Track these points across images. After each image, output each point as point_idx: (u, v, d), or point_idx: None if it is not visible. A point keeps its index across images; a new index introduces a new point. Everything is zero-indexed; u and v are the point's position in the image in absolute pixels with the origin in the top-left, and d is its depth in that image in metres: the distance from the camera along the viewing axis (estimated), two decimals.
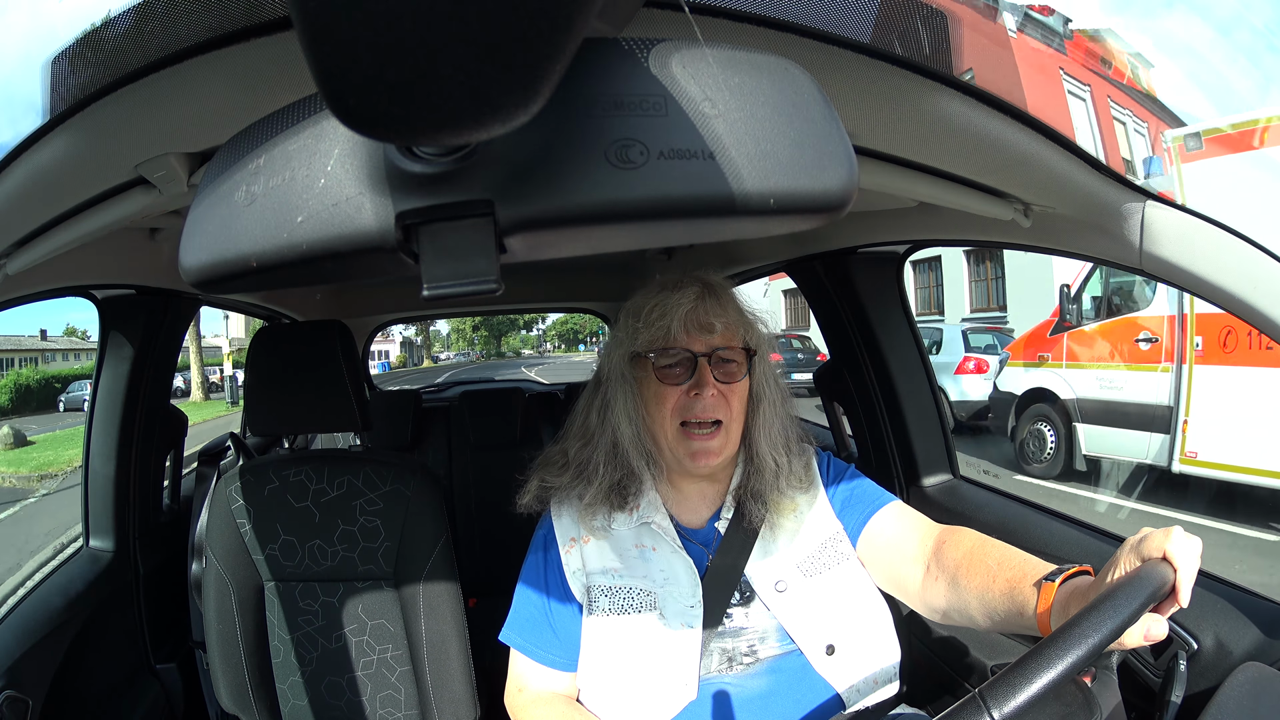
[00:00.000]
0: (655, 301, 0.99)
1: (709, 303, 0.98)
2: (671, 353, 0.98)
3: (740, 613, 1.00)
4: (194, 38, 0.56)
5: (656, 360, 0.98)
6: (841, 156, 0.37)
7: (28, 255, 0.91)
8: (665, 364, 0.98)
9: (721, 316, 0.98)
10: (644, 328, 0.99)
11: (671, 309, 0.97)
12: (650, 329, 0.98)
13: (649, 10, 0.54)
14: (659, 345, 0.98)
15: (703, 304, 0.98)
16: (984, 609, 0.85)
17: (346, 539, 1.31)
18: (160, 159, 0.75)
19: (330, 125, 0.38)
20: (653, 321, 0.98)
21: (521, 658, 1.05)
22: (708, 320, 0.97)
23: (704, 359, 0.97)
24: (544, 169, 0.36)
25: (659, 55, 0.36)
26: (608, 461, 1.02)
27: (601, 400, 1.04)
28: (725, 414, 0.98)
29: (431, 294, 0.38)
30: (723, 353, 0.98)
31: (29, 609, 1.28)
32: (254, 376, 1.35)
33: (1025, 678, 0.56)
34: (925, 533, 0.98)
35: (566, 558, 1.05)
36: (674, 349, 0.97)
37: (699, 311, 0.97)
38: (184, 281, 0.42)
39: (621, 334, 1.02)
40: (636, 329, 1.00)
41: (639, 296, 1.02)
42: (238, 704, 1.29)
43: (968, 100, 0.69)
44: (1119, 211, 0.81)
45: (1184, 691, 0.84)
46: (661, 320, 0.97)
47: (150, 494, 1.62)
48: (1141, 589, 0.62)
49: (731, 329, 0.99)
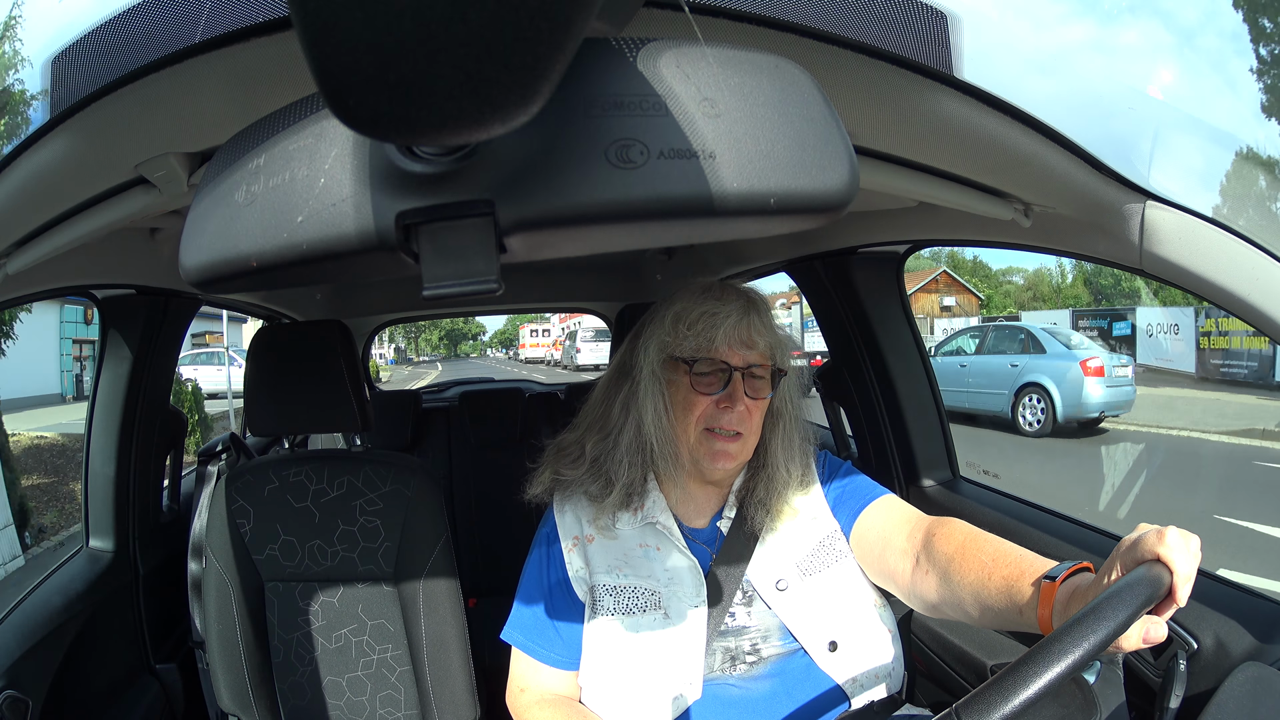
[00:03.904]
0: (703, 310, 1.00)
1: (753, 319, 1.00)
2: (711, 363, 0.99)
3: (743, 612, 1.00)
4: (194, 38, 0.56)
5: (695, 368, 0.99)
6: (841, 156, 0.37)
7: (28, 255, 0.91)
8: (702, 372, 0.99)
9: (763, 335, 1.01)
10: (690, 334, 1.00)
11: (719, 321, 0.99)
12: (697, 337, 0.99)
13: (649, 10, 0.54)
14: (702, 354, 0.99)
15: (747, 320, 1.00)
16: (978, 604, 0.84)
17: (346, 539, 1.31)
18: (160, 159, 0.75)
19: (330, 125, 0.38)
20: (699, 331, 0.99)
21: (523, 657, 1.05)
22: (751, 337, 0.99)
23: (739, 374, 0.99)
24: (544, 169, 0.36)
25: (659, 55, 0.36)
26: (631, 459, 1.02)
27: (627, 394, 1.04)
28: (746, 428, 1.00)
29: (432, 294, 0.38)
30: (756, 369, 1.00)
31: (29, 609, 1.28)
32: (254, 376, 1.35)
33: (1003, 695, 0.55)
34: (914, 525, 0.98)
35: (569, 557, 1.05)
36: (714, 359, 0.99)
37: (743, 328, 0.99)
38: (184, 281, 0.42)
39: (666, 336, 1.02)
40: (681, 334, 1.00)
41: (685, 301, 1.02)
42: (238, 704, 1.28)
43: (968, 100, 0.69)
44: (1119, 211, 0.81)
45: (1184, 691, 0.84)
46: (708, 331, 0.99)
47: (150, 494, 1.62)
48: (1134, 597, 0.61)
49: (768, 348, 1.01)
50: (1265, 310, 0.76)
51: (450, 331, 56.33)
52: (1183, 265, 0.79)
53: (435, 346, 61.00)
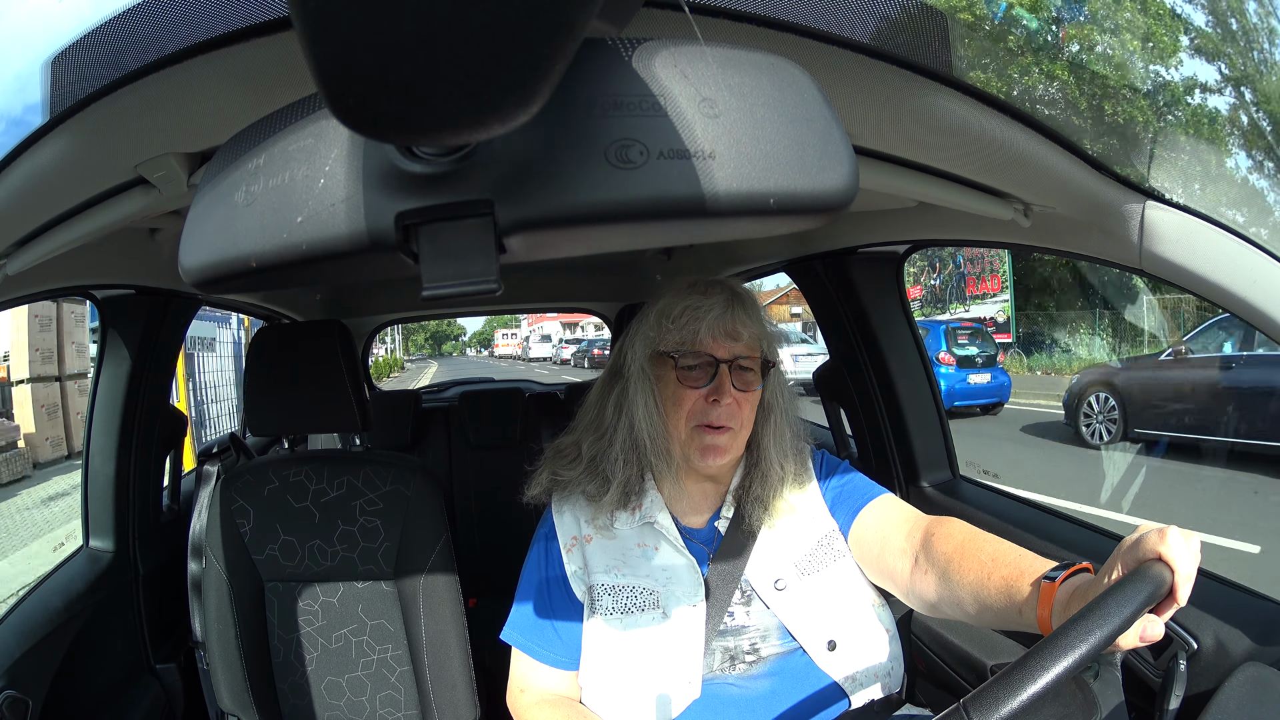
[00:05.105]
0: (686, 304, 1.00)
1: (737, 311, 1.00)
2: (696, 356, 0.99)
3: (741, 611, 1.00)
4: (194, 38, 0.56)
5: (680, 362, 1.00)
6: (841, 156, 0.37)
7: (28, 255, 0.91)
8: (688, 365, 1.00)
9: (748, 326, 1.01)
10: (674, 329, 1.00)
11: (703, 314, 0.99)
12: (680, 331, 1.00)
13: (649, 10, 0.53)
14: (686, 348, 0.99)
15: (731, 312, 1.00)
16: (977, 604, 0.85)
17: (346, 539, 1.31)
18: (160, 159, 0.75)
19: (330, 125, 0.38)
20: (683, 324, 1.00)
21: (523, 657, 1.05)
22: (735, 329, 1.00)
23: (725, 366, 0.99)
24: (544, 169, 0.36)
25: (659, 55, 0.36)
26: (625, 457, 1.02)
27: (619, 393, 1.05)
28: (736, 421, 1.00)
29: (431, 294, 0.38)
30: (743, 361, 1.00)
31: (29, 609, 1.28)
32: (254, 376, 1.35)
33: (1010, 690, 0.55)
34: (913, 524, 0.98)
35: (568, 557, 1.05)
36: (699, 353, 0.99)
37: (727, 319, 0.99)
38: (184, 281, 0.42)
39: (651, 332, 1.03)
40: (666, 329, 1.01)
41: (669, 297, 1.03)
42: (238, 704, 1.28)
43: (968, 100, 0.69)
44: (1119, 211, 0.80)
45: (1184, 692, 0.83)
46: (692, 324, 0.99)
47: (150, 494, 1.62)
48: (1135, 595, 0.61)
49: (754, 340, 1.01)
50: (1265, 310, 0.76)
51: (435, 333, 63.99)
52: (1182, 265, 0.79)
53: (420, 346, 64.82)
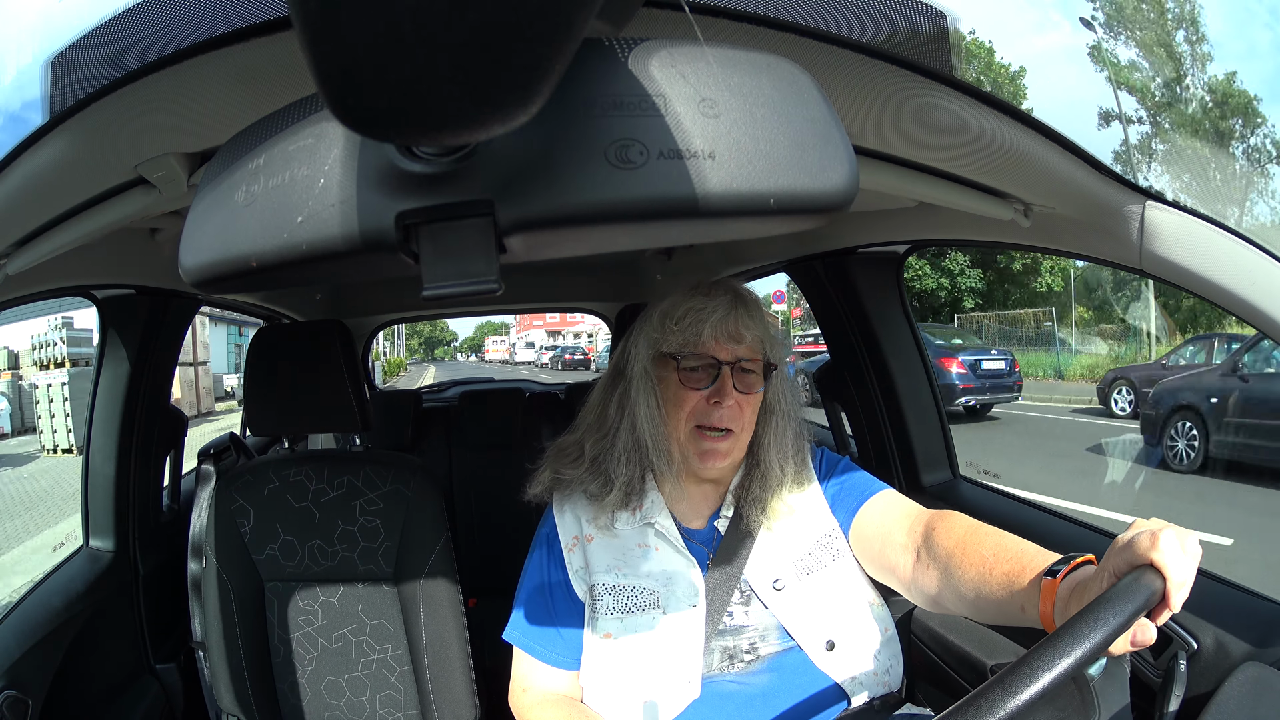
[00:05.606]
0: (689, 306, 1.01)
1: (740, 313, 1.00)
2: (698, 357, 0.99)
3: (740, 611, 1.00)
4: (194, 37, 0.56)
5: (682, 363, 1.00)
6: (841, 156, 0.37)
7: (28, 255, 0.91)
8: (690, 367, 1.00)
9: (751, 328, 1.00)
10: (677, 330, 1.00)
11: (706, 315, 0.99)
12: (683, 332, 1.00)
13: (649, 10, 0.53)
14: (689, 349, 0.99)
15: (734, 314, 1.00)
16: (979, 599, 0.84)
17: (346, 539, 1.31)
18: (160, 159, 0.75)
19: (330, 125, 0.38)
20: (686, 326, 1.00)
21: (525, 657, 1.05)
22: (738, 331, 0.99)
23: (728, 368, 0.99)
24: (544, 169, 0.36)
25: (659, 55, 0.36)
26: (628, 457, 1.02)
27: (621, 394, 1.05)
28: (738, 424, 1.00)
29: (431, 294, 0.38)
30: (746, 364, 1.00)
31: (29, 609, 1.28)
32: (254, 376, 1.35)
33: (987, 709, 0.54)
34: (914, 519, 0.98)
35: (569, 556, 1.05)
36: (702, 354, 0.99)
37: (730, 321, 0.99)
38: (184, 281, 0.42)
39: (654, 333, 1.03)
40: (669, 330, 1.01)
41: (673, 298, 1.03)
42: (238, 704, 1.28)
43: (968, 100, 0.69)
44: (1119, 212, 0.80)
45: (1184, 692, 0.83)
46: (695, 326, 0.99)
47: (150, 494, 1.62)
48: (1124, 606, 0.58)
49: (757, 342, 1.01)
50: (1265, 310, 0.76)
51: (429, 338, 67.57)
52: (1182, 265, 0.79)
53: (414, 351, 66.56)
